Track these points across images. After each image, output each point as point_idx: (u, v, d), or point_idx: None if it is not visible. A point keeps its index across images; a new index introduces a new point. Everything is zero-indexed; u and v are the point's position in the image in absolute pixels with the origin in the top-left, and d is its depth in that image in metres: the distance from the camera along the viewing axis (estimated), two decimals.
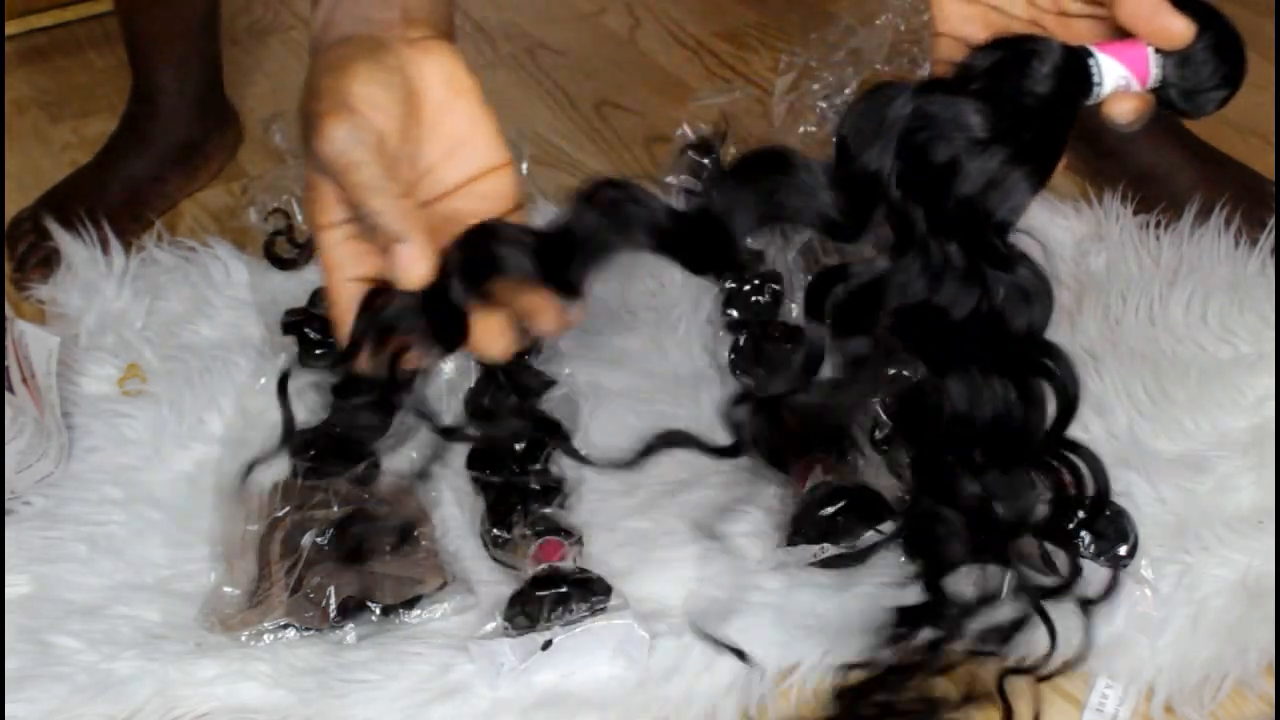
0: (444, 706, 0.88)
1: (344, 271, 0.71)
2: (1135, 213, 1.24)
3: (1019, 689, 0.86)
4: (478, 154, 0.73)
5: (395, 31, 0.72)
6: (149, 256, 1.27)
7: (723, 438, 1.06)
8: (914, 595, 0.90)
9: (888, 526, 0.93)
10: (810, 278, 0.77)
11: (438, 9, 0.75)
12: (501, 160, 0.74)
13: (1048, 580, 0.82)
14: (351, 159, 0.67)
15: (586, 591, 0.90)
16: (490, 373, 1.09)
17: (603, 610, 0.89)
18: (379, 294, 0.70)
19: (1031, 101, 0.67)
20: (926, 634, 0.80)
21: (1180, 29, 0.69)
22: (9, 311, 1.06)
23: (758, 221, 0.68)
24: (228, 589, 0.95)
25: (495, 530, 0.97)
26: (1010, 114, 0.67)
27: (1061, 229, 1.25)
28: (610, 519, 1.00)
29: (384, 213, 0.68)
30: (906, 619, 0.81)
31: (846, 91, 1.33)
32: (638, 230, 0.68)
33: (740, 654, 0.86)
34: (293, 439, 1.04)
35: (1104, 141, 1.30)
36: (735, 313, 1.14)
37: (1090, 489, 0.77)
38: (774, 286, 1.16)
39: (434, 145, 0.72)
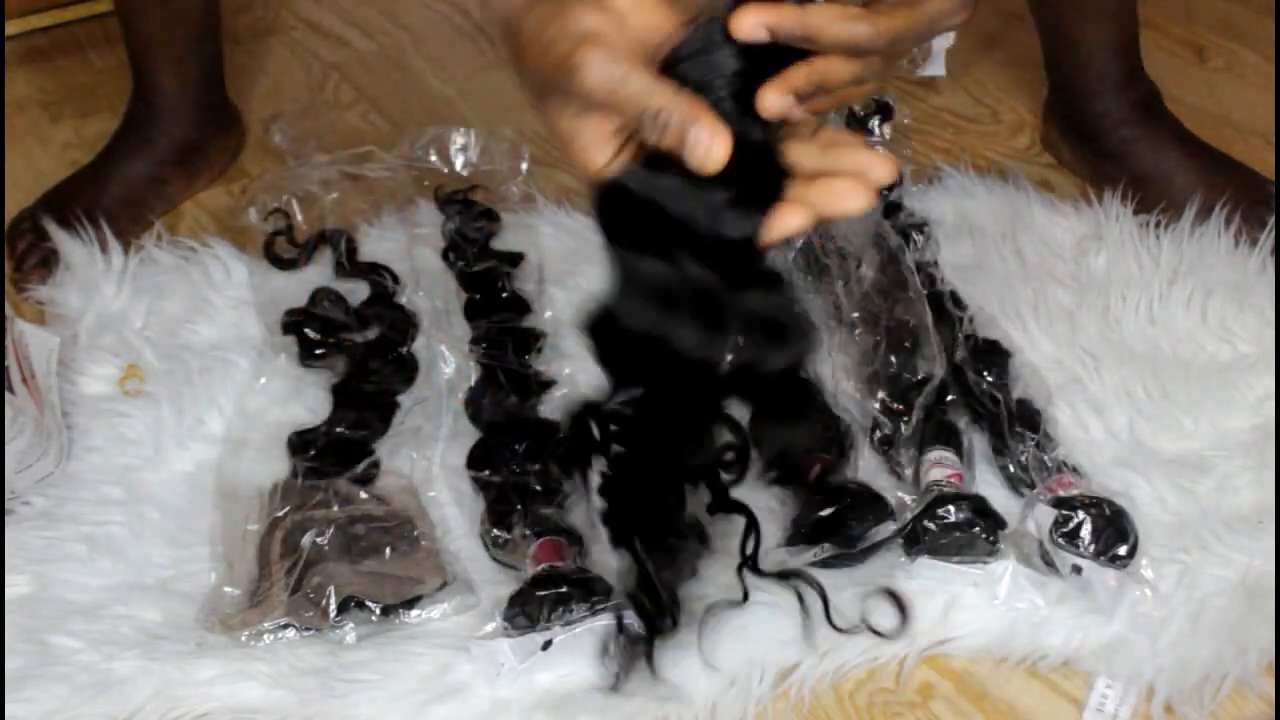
0: (444, 706, 0.88)
1: None
2: (1135, 213, 1.24)
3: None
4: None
5: None
6: (148, 256, 1.27)
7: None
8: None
9: (888, 526, 0.93)
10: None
11: None
12: None
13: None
14: (617, 75, 0.69)
15: (586, 591, 0.90)
16: (490, 372, 1.09)
17: (603, 610, 0.89)
18: None
19: None
20: None
21: None
22: (9, 311, 1.06)
23: None
24: (228, 589, 0.95)
25: (495, 530, 0.97)
26: None
27: (1061, 229, 1.25)
28: None
29: (668, 106, 0.69)
30: None
31: None
32: None
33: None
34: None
35: (1104, 142, 1.30)
36: None
37: None
38: None
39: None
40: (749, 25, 0.69)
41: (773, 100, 0.70)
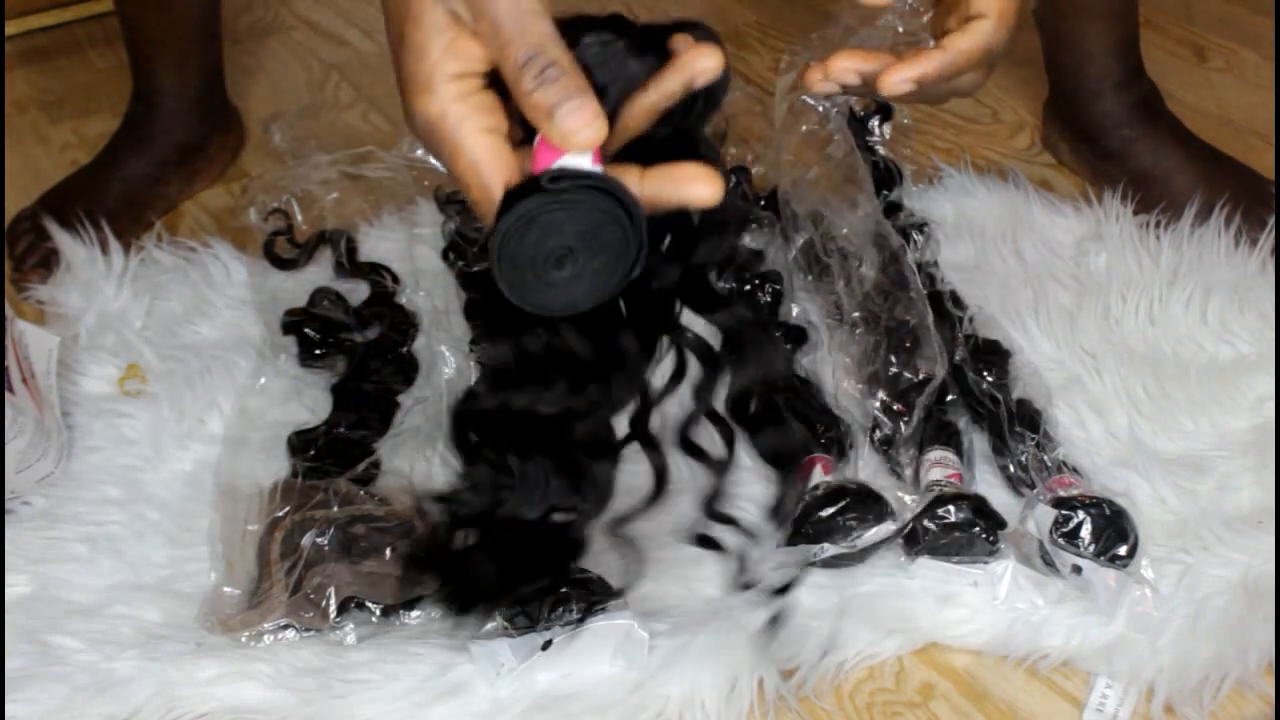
0: (444, 706, 0.88)
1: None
2: (1135, 213, 1.24)
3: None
4: None
5: None
6: (149, 256, 1.27)
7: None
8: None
9: (888, 526, 0.93)
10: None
11: None
12: None
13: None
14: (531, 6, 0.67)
15: (586, 591, 0.90)
16: None
17: (603, 610, 0.89)
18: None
19: None
20: None
21: None
22: (9, 311, 1.06)
23: None
24: (228, 589, 0.95)
25: None
26: None
27: (1061, 229, 1.25)
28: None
29: (562, 60, 0.67)
30: None
31: None
32: None
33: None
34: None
35: (1104, 142, 1.30)
36: None
37: None
38: (774, 286, 1.16)
39: None
40: (895, 81, 0.73)
41: (899, 82, 0.73)
